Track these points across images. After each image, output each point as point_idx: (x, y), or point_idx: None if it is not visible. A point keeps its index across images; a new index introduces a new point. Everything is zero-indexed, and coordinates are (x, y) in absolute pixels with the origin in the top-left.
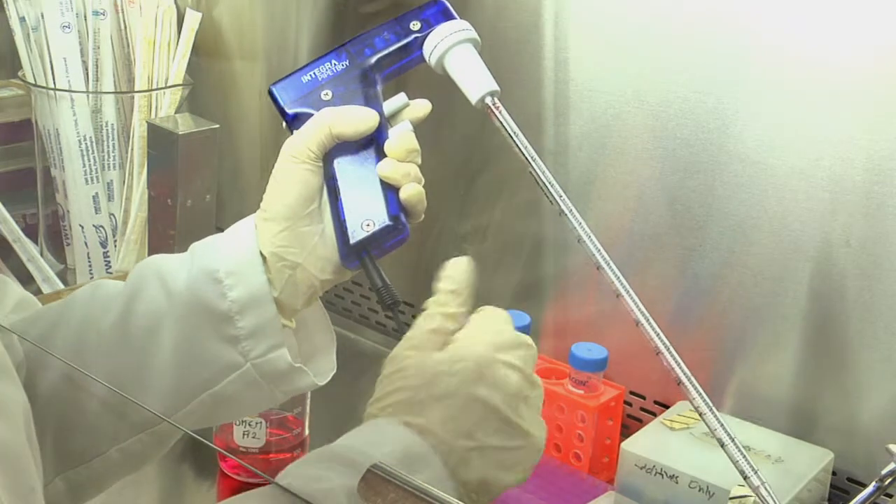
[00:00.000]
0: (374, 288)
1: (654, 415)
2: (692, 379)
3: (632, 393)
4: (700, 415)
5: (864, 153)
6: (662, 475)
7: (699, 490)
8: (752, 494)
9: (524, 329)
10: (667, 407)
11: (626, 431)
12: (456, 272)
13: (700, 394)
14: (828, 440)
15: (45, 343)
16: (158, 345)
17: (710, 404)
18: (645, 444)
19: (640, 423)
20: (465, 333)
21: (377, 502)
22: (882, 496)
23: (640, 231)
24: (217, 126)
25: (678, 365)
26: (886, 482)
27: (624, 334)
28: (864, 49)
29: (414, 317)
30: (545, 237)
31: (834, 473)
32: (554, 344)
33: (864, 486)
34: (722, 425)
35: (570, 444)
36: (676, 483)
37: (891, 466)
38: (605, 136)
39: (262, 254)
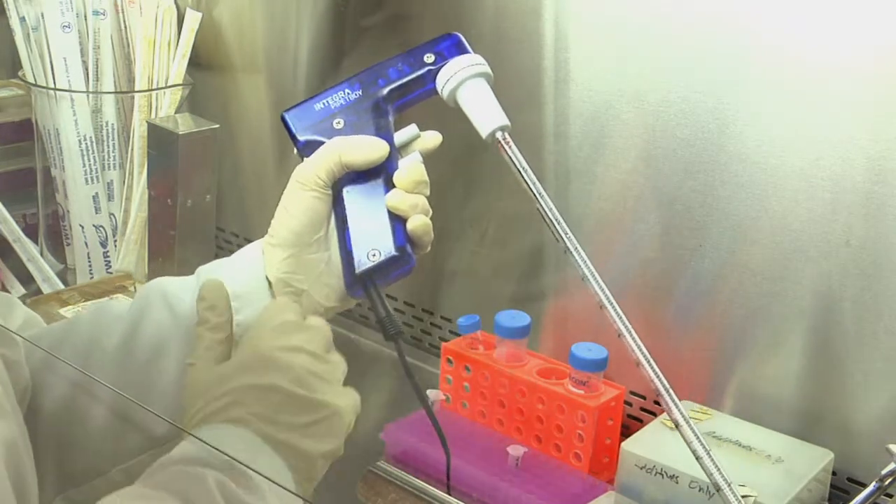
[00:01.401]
0: (377, 318)
1: (655, 415)
2: (652, 363)
3: (632, 393)
4: (657, 394)
5: (864, 153)
6: (662, 475)
7: (699, 490)
8: (754, 494)
9: (523, 329)
10: None
11: (627, 431)
12: (207, 292)
13: (658, 376)
14: (828, 440)
15: (50, 361)
16: (163, 367)
17: (668, 387)
18: (645, 445)
19: (641, 423)
20: (249, 334)
21: (377, 502)
22: (882, 496)
23: (641, 231)
24: (217, 126)
25: (639, 348)
26: (886, 482)
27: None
28: (864, 49)
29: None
30: (546, 237)
31: (834, 473)
32: (554, 344)
33: (865, 486)
34: (677, 407)
35: (571, 443)
36: (676, 483)
37: (891, 466)
38: (605, 136)
39: (268, 279)
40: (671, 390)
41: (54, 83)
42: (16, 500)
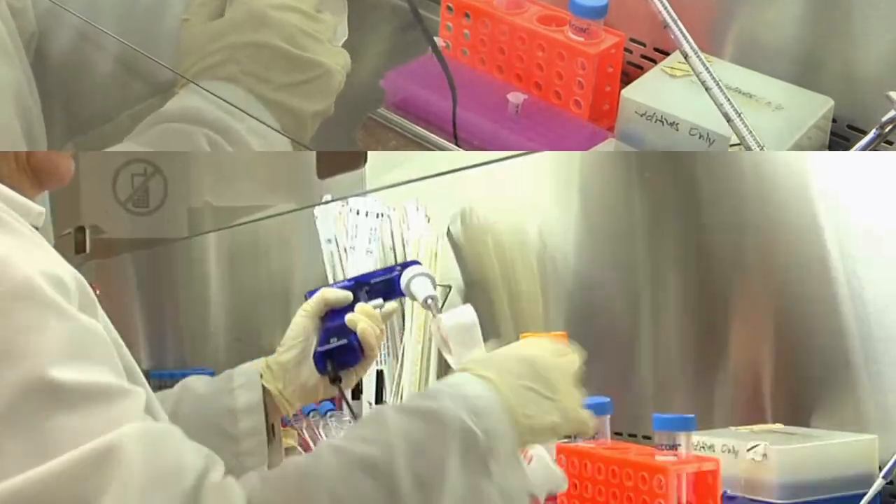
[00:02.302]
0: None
1: (655, 62)
2: None
3: (632, 40)
4: (664, 26)
5: None
6: (663, 122)
7: (699, 137)
8: None
9: None
10: (667, 54)
11: (627, 79)
12: None
13: (665, 7)
14: (828, 87)
15: (56, 9)
16: (167, 11)
17: (675, 17)
18: (645, 92)
19: (641, 70)
20: None
21: (377, 148)
22: (882, 143)
23: None
24: None
25: None
26: (886, 129)
27: None
28: None
29: None
30: None
31: (834, 121)
32: None
33: (865, 133)
34: (687, 40)
35: (570, 91)
36: (677, 130)
37: (891, 114)
38: None
39: None
40: (679, 21)
41: None
42: (26, 144)
